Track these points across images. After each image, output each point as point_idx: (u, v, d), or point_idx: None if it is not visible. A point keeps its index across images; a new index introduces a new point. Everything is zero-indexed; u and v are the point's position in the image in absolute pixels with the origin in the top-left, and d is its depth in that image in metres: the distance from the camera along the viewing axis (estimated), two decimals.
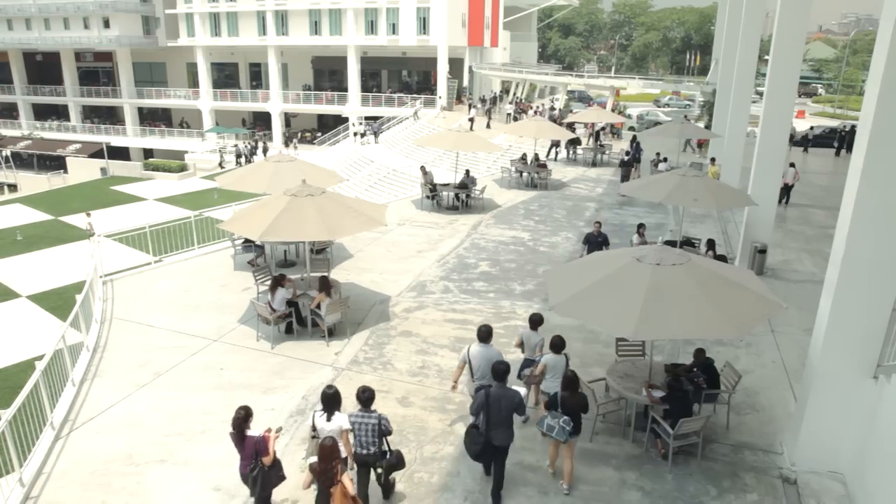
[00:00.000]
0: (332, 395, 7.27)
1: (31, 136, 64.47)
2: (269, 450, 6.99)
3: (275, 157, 16.54)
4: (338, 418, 7.19)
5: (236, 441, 7.14)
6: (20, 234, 33.19)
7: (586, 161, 32.13)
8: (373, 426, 7.31)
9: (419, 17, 52.01)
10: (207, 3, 59.02)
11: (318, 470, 6.82)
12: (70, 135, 64.82)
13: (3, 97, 72.06)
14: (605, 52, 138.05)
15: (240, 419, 7.04)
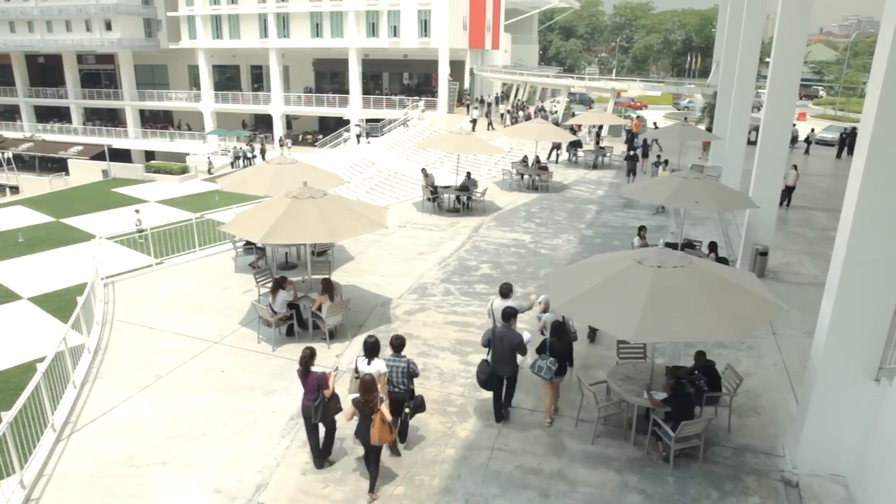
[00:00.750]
0: (373, 343, 8.73)
1: (32, 138, 64.55)
2: (329, 384, 8.41)
3: (276, 160, 16.54)
4: (376, 363, 8.62)
5: (302, 377, 8.52)
6: (22, 235, 33.23)
7: (587, 163, 32.13)
8: (403, 368, 8.76)
9: (420, 19, 52.08)
10: (209, 6, 59.12)
11: (360, 401, 7.95)
12: (72, 137, 64.99)
13: (5, 99, 72.31)
14: (606, 54, 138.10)
15: (306, 357, 8.48)
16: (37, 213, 39.14)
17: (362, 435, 8.05)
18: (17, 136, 65.81)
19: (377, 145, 45.36)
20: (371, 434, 7.88)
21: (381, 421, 7.89)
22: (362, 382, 7.97)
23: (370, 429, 7.88)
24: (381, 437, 7.93)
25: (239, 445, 9.16)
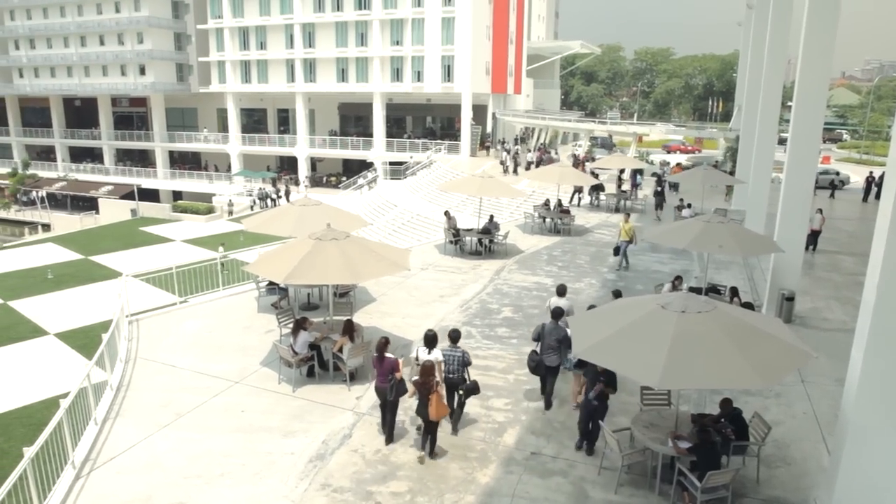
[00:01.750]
0: (433, 335, 10.35)
1: (66, 178, 66.47)
2: (399, 369, 10.00)
3: (300, 201, 16.76)
4: (435, 352, 10.14)
5: (376, 362, 10.20)
6: (51, 272, 33.85)
7: (609, 207, 32.09)
8: (458, 357, 10.35)
9: (444, 65, 53.08)
10: (239, 52, 60.91)
11: (420, 382, 9.49)
12: (103, 177, 66.72)
13: (43, 140, 74.80)
14: (628, 98, 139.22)
15: (382, 345, 10.22)
16: (66, 251, 39.91)
17: (422, 412, 9.54)
18: (52, 175, 67.87)
19: (400, 188, 45.83)
20: (429, 411, 9.39)
21: (437, 399, 9.42)
22: (422, 367, 9.62)
23: (428, 406, 9.38)
24: (437, 413, 9.44)
25: (257, 487, 9.08)
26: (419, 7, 52.83)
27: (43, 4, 67.71)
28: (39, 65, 69.85)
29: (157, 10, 63.23)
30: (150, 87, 64.16)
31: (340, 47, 56.39)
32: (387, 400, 10.11)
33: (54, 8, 67.34)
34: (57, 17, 67.46)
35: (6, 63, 71.95)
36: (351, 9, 55.13)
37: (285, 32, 58.44)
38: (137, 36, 63.51)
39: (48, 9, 67.76)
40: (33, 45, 69.98)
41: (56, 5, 67.02)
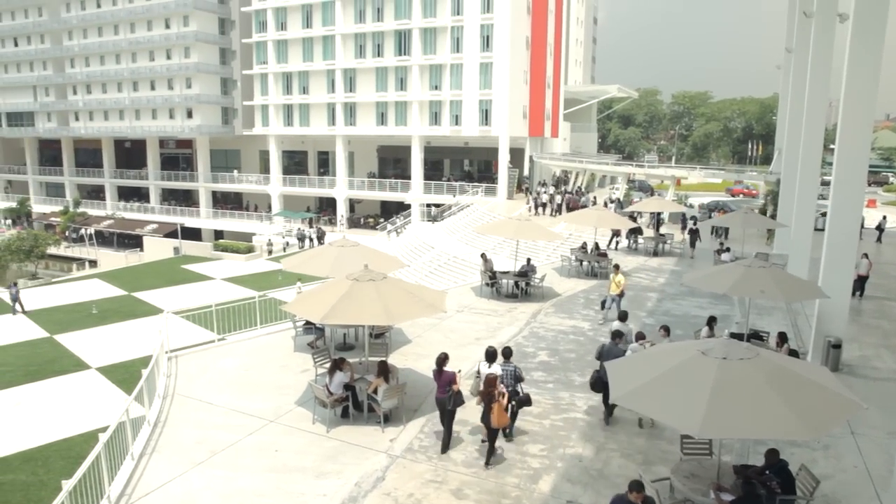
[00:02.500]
0: (493, 351, 11.57)
1: (113, 216, 68.71)
2: (457, 381, 11.01)
3: (338, 242, 16.98)
4: (494, 367, 11.30)
5: (436, 375, 11.20)
6: (96, 307, 34.67)
7: (647, 250, 31.77)
8: (511, 372, 11.56)
9: (481, 108, 53.82)
10: (282, 96, 62.76)
11: (484, 392, 10.50)
12: (148, 215, 68.82)
13: (94, 180, 77.80)
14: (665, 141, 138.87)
15: (442, 359, 11.28)
16: (111, 287, 40.90)
17: (485, 420, 10.50)
18: (101, 213, 70.26)
19: (437, 230, 46.10)
20: (492, 419, 10.36)
21: (499, 409, 10.36)
22: (486, 379, 10.56)
23: (490, 415, 10.32)
24: (499, 421, 10.43)
25: None
26: (458, 53, 53.93)
27: (100, 52, 71.10)
28: (94, 108, 73.03)
29: (206, 56, 65.83)
30: (196, 130, 66.38)
31: (380, 91, 57.69)
32: (445, 409, 11.02)
33: (110, 56, 70.65)
34: (112, 63, 70.71)
35: (64, 107, 75.43)
36: (391, 55, 56.55)
37: (327, 77, 60.11)
38: (186, 81, 66.04)
39: (104, 56, 71.13)
40: (90, 90, 73.31)
41: (112, 53, 70.31)
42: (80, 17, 71.80)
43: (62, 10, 73.55)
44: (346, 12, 57.94)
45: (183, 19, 64.89)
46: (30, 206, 76.50)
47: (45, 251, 51.42)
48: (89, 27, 71.54)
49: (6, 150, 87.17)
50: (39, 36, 76.28)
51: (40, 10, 75.46)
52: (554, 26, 62.04)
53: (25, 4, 76.23)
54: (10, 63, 79.40)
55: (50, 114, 77.37)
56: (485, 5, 52.34)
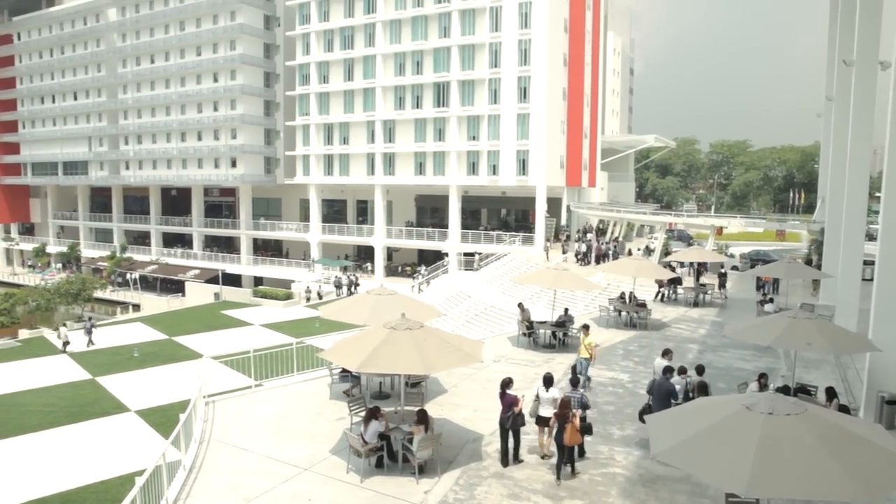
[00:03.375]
0: (549, 377, 12.84)
1: (157, 262, 70.58)
2: (519, 404, 12.13)
3: (376, 290, 17.10)
4: (552, 391, 12.61)
5: (500, 397, 12.42)
6: (137, 351, 35.33)
7: (687, 301, 31.21)
8: (578, 399, 12.57)
9: (519, 158, 54.28)
10: (323, 146, 64.34)
11: (559, 413, 11.76)
12: (191, 261, 70.48)
13: (140, 226, 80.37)
14: (704, 191, 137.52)
15: (506, 383, 12.45)
16: (153, 331, 41.71)
17: (558, 438, 11.65)
18: (145, 258, 72.32)
19: (474, 279, 46.13)
20: (565, 437, 11.50)
21: (572, 428, 11.50)
22: (562, 401, 11.99)
23: (563, 433, 11.47)
24: (572, 439, 11.59)
25: None
26: (495, 104, 54.78)
27: (151, 105, 74.23)
28: (144, 158, 75.87)
29: (252, 108, 68.12)
30: (239, 179, 68.27)
31: (419, 142, 58.73)
32: (506, 429, 12.17)
33: (161, 108, 73.68)
34: (162, 115, 73.67)
35: (116, 157, 78.55)
36: (430, 106, 57.73)
37: (367, 128, 61.53)
38: (231, 132, 68.28)
39: (155, 108, 74.20)
40: (140, 140, 76.32)
41: (162, 105, 73.32)
42: (134, 72, 75.35)
43: (119, 66, 77.31)
44: (387, 66, 59.62)
45: (231, 73, 67.54)
46: (79, 250, 79.16)
47: (92, 294, 52.84)
48: (143, 81, 74.96)
49: (61, 197, 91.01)
50: (97, 90, 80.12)
51: (99, 66, 79.46)
52: (591, 78, 62.73)
53: (87, 62, 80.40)
54: (69, 115, 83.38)
55: (102, 163, 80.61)
56: (522, 58, 53.32)
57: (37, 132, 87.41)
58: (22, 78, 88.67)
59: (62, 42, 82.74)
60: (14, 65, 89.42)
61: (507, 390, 12.36)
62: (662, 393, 13.34)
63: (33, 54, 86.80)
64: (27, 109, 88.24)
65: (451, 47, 55.96)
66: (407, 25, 58.30)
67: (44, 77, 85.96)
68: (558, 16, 54.94)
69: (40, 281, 66.96)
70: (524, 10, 53.02)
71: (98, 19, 78.88)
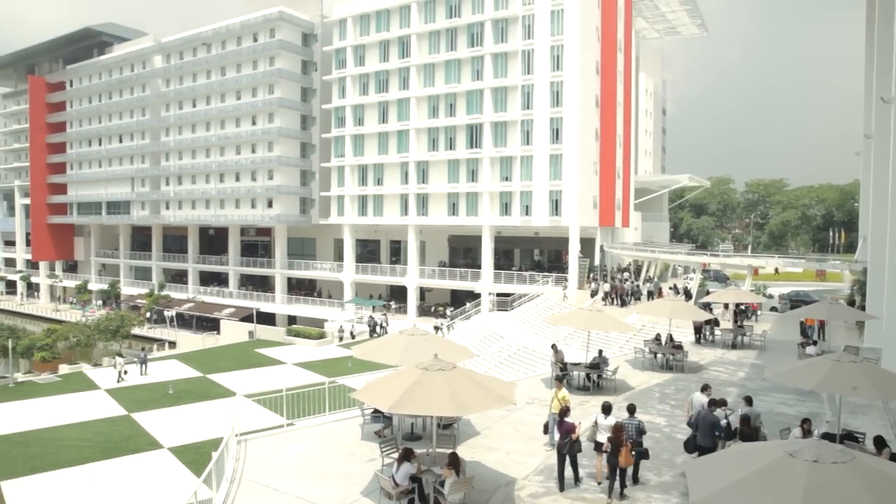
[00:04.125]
0: (608, 405, 13.85)
1: (194, 300, 71.73)
2: (576, 431, 13.05)
3: (408, 331, 17.11)
4: (610, 419, 13.34)
5: (558, 424, 13.45)
6: (172, 388, 35.71)
7: (725, 343, 30.51)
8: (636, 425, 13.61)
9: (551, 199, 54.31)
10: (357, 187, 65.32)
11: (613, 437, 12.61)
12: (226, 300, 71.46)
13: (178, 265, 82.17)
14: (741, 230, 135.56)
15: (564, 410, 13.61)
16: (187, 368, 42.18)
17: (612, 461, 12.57)
18: (182, 296, 73.58)
19: (507, 319, 45.87)
20: (619, 459, 12.47)
21: (626, 452, 12.52)
22: (615, 426, 12.84)
23: (618, 456, 12.46)
24: (625, 461, 12.58)
25: None
26: (528, 145, 55.15)
27: (192, 147, 76.52)
28: (184, 198, 77.88)
29: (288, 150, 69.71)
30: (275, 219, 69.50)
31: (452, 183, 59.25)
32: (563, 454, 12.98)
33: (201, 150, 75.88)
34: (202, 157, 75.80)
35: (157, 197, 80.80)
36: (463, 147, 58.37)
37: (401, 169, 62.37)
38: (268, 173, 69.81)
39: (196, 150, 76.44)
40: (180, 181, 78.47)
41: (202, 147, 75.50)
42: (177, 115, 77.94)
43: (162, 110, 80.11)
44: (421, 108, 60.67)
45: (269, 116, 69.38)
46: (119, 288, 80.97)
47: (130, 331, 53.76)
48: (184, 124, 77.46)
49: (104, 236, 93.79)
50: (141, 133, 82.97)
51: (144, 110, 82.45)
52: (623, 118, 62.90)
53: (132, 106, 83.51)
54: (114, 157, 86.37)
55: (144, 203, 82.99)
56: (554, 100, 53.81)
57: (83, 173, 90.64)
58: (72, 122, 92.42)
59: (110, 88, 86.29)
60: (66, 110, 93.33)
61: (565, 418, 13.33)
62: (707, 425, 13.71)
63: (83, 100, 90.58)
64: (75, 152, 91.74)
65: (484, 90, 56.78)
66: (440, 69, 59.46)
67: (92, 121, 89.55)
68: (590, 58, 55.51)
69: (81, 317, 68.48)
70: (556, 53, 53.71)
71: (145, 66, 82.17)
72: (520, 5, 55.19)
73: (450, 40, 59.01)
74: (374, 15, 63.40)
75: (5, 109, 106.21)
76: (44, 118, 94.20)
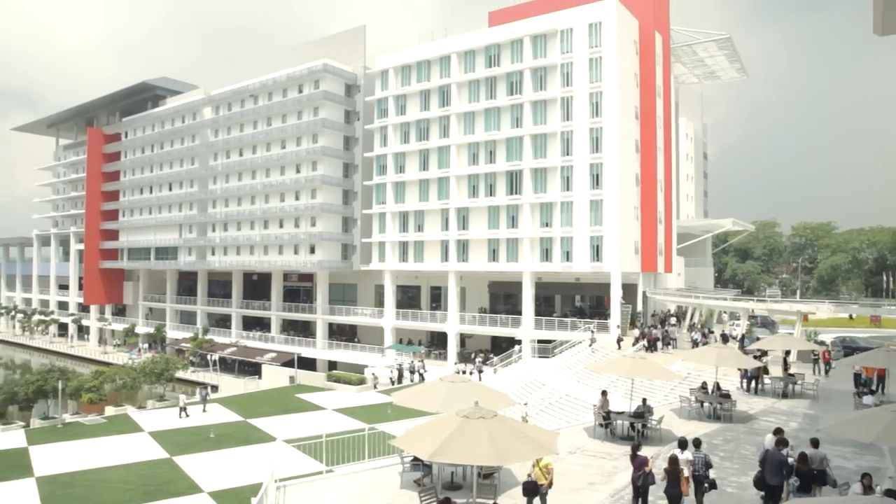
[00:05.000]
0: (684, 440, 15.45)
1: (237, 344, 72.72)
2: (649, 464, 14.25)
3: (449, 378, 17.03)
4: (685, 453, 14.84)
5: (632, 458, 14.61)
6: (213, 432, 35.95)
7: (775, 392, 29.46)
8: (703, 458, 14.94)
9: (592, 245, 53.94)
10: (398, 233, 66.00)
11: (669, 469, 13.90)
12: (268, 344, 72.32)
13: (223, 309, 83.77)
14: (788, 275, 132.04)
15: (635, 446, 14.81)
16: (229, 412, 42.47)
17: (669, 492, 13.89)
18: (225, 341, 74.75)
19: (548, 366, 45.23)
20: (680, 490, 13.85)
21: (685, 481, 13.94)
22: (671, 458, 14.14)
23: (676, 486, 13.80)
24: (685, 490, 13.94)
25: None
26: (568, 191, 55.18)
27: (238, 195, 78.74)
28: (229, 244, 79.82)
29: (330, 197, 71.15)
30: (317, 265, 70.51)
31: (492, 229, 59.39)
32: (637, 486, 14.03)
33: (246, 197, 78.02)
34: (248, 204, 77.86)
35: (203, 243, 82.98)
36: (503, 194, 58.69)
37: (441, 216, 62.88)
38: (311, 220, 71.18)
39: (241, 198, 78.62)
40: (226, 227, 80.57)
41: (248, 195, 77.64)
42: (224, 164, 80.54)
43: (210, 159, 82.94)
44: (461, 155, 61.44)
45: (312, 164, 71.13)
46: (165, 331, 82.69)
47: (174, 375, 54.55)
48: (231, 173, 79.93)
49: (151, 281, 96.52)
50: (190, 181, 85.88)
51: (193, 159, 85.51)
52: (663, 163, 62.56)
53: (182, 156, 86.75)
54: (164, 205, 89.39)
55: (191, 248, 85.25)
56: (593, 146, 53.95)
57: (134, 220, 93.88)
58: (125, 171, 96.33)
59: (162, 138, 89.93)
60: (120, 159, 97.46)
61: (638, 452, 14.58)
62: (775, 464, 14.46)
63: (137, 150, 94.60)
64: (127, 199, 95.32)
65: (524, 136, 57.30)
66: (480, 117, 60.34)
67: (144, 170, 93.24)
68: (629, 104, 55.72)
69: (128, 360, 70.00)
70: (595, 100, 54.08)
71: (195, 117, 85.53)
72: (558, 54, 56.00)
73: (489, 89, 60.01)
74: (415, 66, 65.02)
75: (65, 160, 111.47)
76: (100, 167, 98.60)
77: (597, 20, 54.26)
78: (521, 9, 62.53)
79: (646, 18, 58.57)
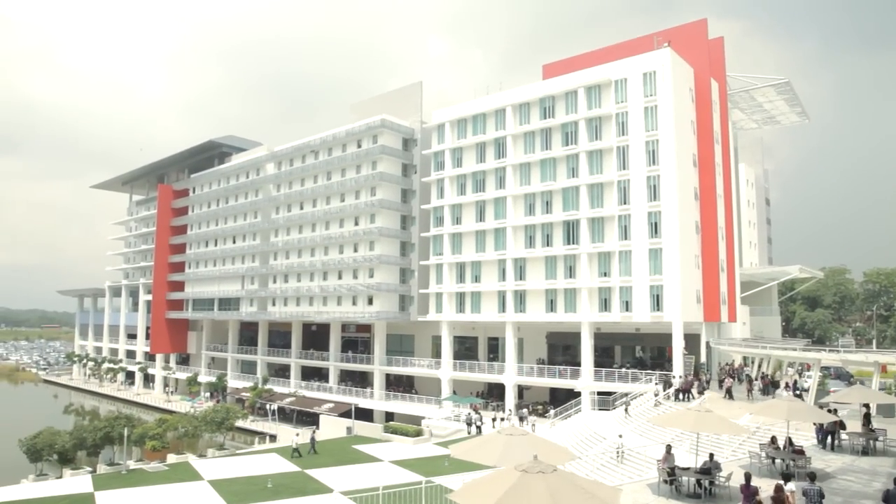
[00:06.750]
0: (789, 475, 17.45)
1: (295, 394, 73.55)
2: (759, 494, 16.16)
3: (507, 430, 16.79)
4: (790, 485, 16.48)
5: (743, 488, 16.89)
6: (271, 482, 36.14)
7: (854, 448, 27.78)
8: (817, 490, 16.50)
9: (652, 294, 52.83)
10: (455, 284, 66.20)
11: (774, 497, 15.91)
12: (326, 394, 72.87)
13: (282, 359, 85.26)
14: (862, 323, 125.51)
15: (748, 476, 17.15)
16: (286, 462, 42.71)
17: None
18: (284, 391, 75.82)
19: (609, 419, 43.99)
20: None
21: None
22: (776, 486, 15.96)
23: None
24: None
25: None
26: (626, 240, 54.55)
27: (298, 247, 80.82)
28: (289, 295, 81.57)
29: (388, 248, 72.26)
30: (375, 316, 71.19)
31: (550, 279, 58.95)
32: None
33: (306, 249, 80.00)
34: (307, 256, 79.76)
35: (264, 294, 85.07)
36: (560, 244, 58.41)
37: (498, 266, 62.87)
38: (369, 271, 72.23)
39: (302, 250, 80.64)
40: (287, 279, 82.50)
41: (308, 247, 79.60)
42: (285, 217, 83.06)
43: (272, 213, 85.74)
44: (517, 207, 61.71)
45: (370, 217, 72.60)
46: (226, 381, 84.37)
47: (234, 424, 55.36)
48: (292, 226, 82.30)
49: (214, 331, 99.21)
50: (252, 234, 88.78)
51: (256, 213, 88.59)
52: (724, 210, 61.23)
53: (246, 210, 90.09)
54: (227, 257, 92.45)
55: (252, 299, 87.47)
56: (651, 194, 53.43)
57: (199, 272, 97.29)
58: (192, 225, 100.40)
59: (227, 193, 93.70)
60: (188, 214, 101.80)
61: (750, 482, 16.45)
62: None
63: (203, 204, 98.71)
64: (193, 252, 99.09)
65: (580, 186, 57.23)
66: (536, 168, 60.70)
67: (210, 223, 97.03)
68: (686, 152, 55.17)
69: (190, 408, 71.48)
70: (651, 148, 53.80)
71: (258, 172, 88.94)
72: (613, 104, 56.20)
73: (544, 140, 60.48)
74: (471, 119, 66.25)
75: (137, 214, 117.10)
76: (169, 221, 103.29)
77: (651, 69, 54.43)
78: (575, 61, 63.34)
79: (701, 66, 58.37)
